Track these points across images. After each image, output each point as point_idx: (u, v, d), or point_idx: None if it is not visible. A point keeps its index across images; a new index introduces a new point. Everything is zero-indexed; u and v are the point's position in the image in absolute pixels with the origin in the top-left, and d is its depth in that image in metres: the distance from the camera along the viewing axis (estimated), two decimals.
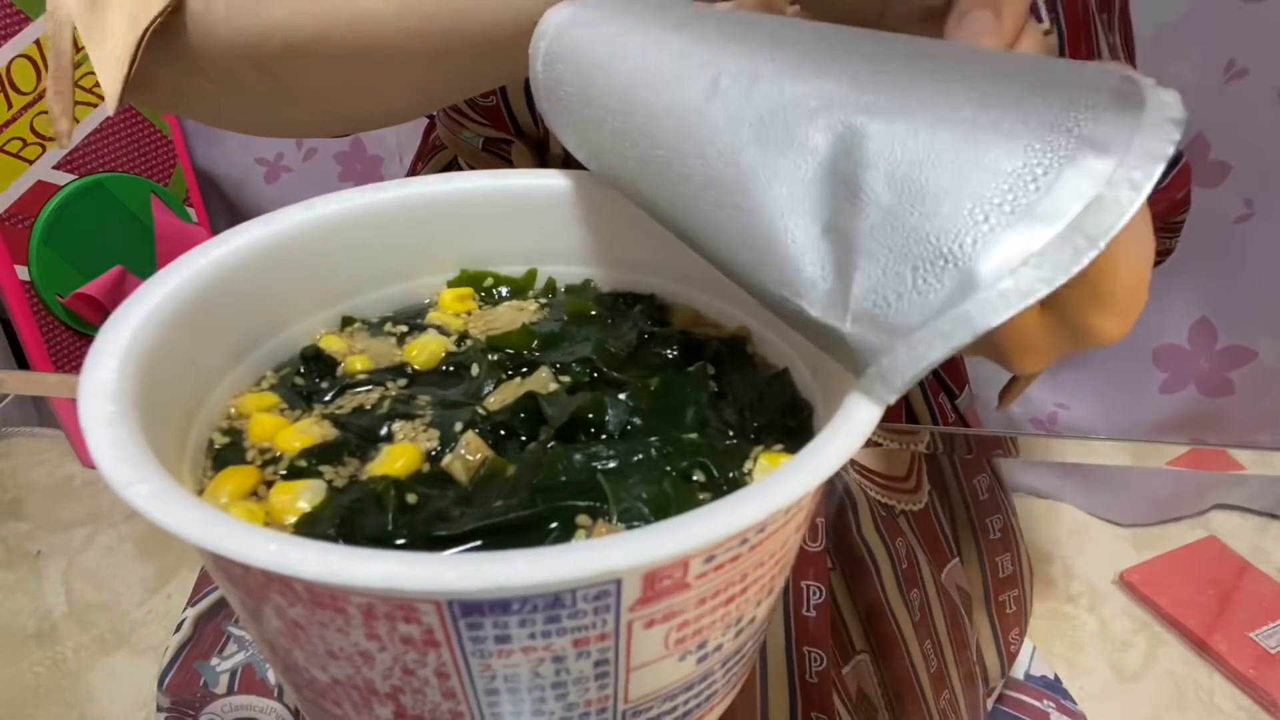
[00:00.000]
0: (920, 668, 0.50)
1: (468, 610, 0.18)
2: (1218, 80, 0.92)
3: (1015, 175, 0.19)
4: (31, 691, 0.73)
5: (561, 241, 0.34)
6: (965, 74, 0.22)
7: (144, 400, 0.23)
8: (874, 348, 0.20)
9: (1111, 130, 0.19)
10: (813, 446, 0.20)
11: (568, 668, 0.20)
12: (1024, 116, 0.19)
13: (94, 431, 0.20)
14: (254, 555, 0.17)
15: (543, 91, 0.32)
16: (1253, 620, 0.90)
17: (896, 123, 0.21)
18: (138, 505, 0.18)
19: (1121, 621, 0.94)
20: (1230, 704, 0.84)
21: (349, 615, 0.19)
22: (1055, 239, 0.18)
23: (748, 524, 0.19)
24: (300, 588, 0.19)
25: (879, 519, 0.51)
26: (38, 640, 0.78)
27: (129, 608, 0.85)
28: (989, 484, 0.58)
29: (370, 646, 0.19)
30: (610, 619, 0.19)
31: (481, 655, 0.19)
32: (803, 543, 0.46)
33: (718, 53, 0.26)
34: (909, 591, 0.50)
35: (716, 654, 0.23)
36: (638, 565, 0.18)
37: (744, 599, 0.22)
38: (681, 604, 0.20)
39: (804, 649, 0.46)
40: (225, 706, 0.47)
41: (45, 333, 1.21)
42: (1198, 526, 1.03)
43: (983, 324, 0.18)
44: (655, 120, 0.26)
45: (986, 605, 0.57)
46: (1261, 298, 0.99)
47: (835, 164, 0.21)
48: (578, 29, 0.30)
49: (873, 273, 0.20)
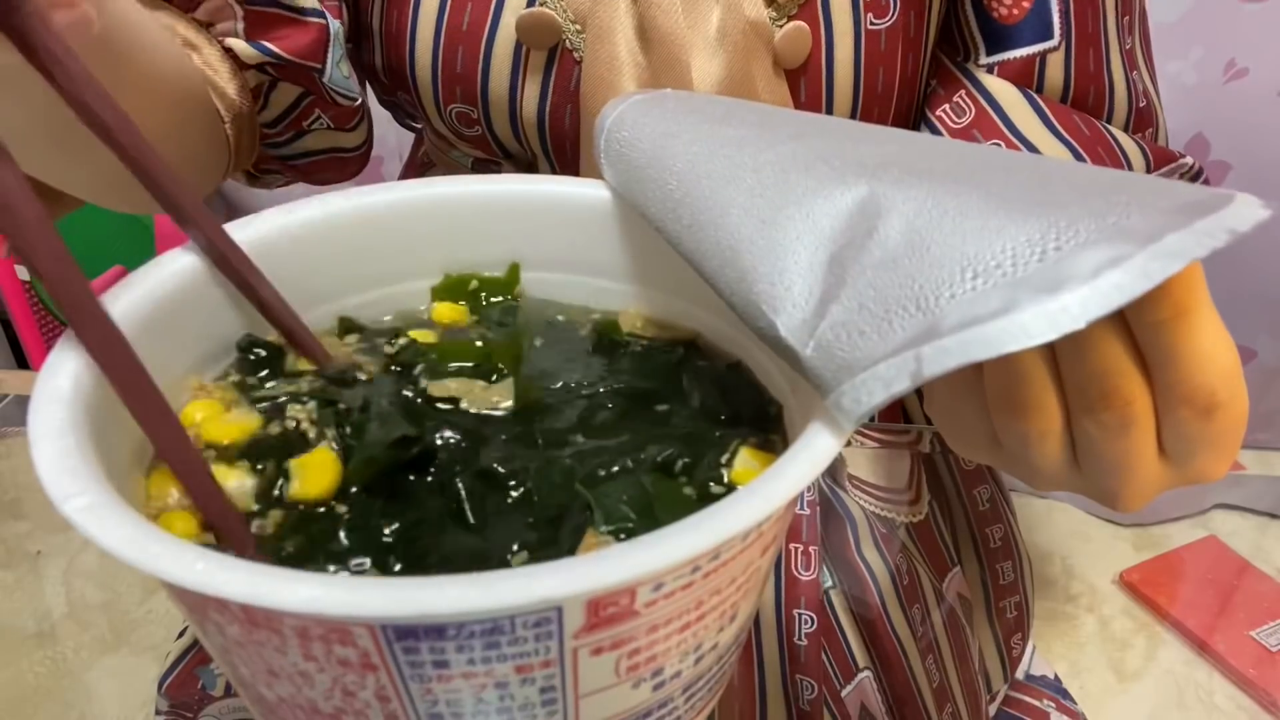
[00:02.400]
0: (923, 683, 0.49)
1: (402, 634, 0.18)
2: (1218, 80, 0.92)
3: (1028, 244, 0.18)
4: (31, 691, 0.73)
5: (544, 248, 0.34)
6: (1035, 169, 0.22)
7: (102, 407, 0.22)
8: (826, 381, 0.20)
9: (1153, 225, 0.17)
10: (770, 472, 0.20)
11: (512, 694, 0.20)
12: (1068, 200, 0.19)
13: (38, 442, 0.20)
14: (181, 576, 0.17)
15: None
16: (1253, 620, 0.90)
17: (939, 184, 0.21)
18: (72, 519, 0.18)
19: (1121, 621, 0.94)
20: (1230, 704, 0.83)
21: (285, 636, 0.18)
22: (1032, 308, 0.17)
23: (696, 552, 0.18)
24: (235, 607, 0.18)
25: (878, 536, 0.51)
26: (38, 640, 0.78)
27: (129, 608, 0.85)
28: (990, 494, 0.58)
29: (309, 667, 0.19)
30: (554, 646, 0.19)
31: (421, 680, 0.19)
32: (795, 571, 0.47)
33: (788, 121, 0.28)
34: (910, 608, 0.50)
35: (675, 680, 0.22)
36: (576, 594, 0.17)
37: (701, 626, 0.21)
38: (631, 631, 0.20)
39: (797, 677, 0.46)
40: (223, 708, 0.47)
41: (45, 333, 1.21)
42: (1198, 526, 1.03)
43: (926, 373, 0.18)
44: (715, 142, 0.28)
45: (988, 612, 0.57)
46: (1261, 298, 0.99)
47: (866, 205, 0.22)
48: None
49: (850, 306, 0.20)
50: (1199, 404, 0.22)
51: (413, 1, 0.47)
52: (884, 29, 0.47)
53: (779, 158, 0.25)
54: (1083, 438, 0.24)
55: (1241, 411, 0.23)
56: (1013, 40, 0.47)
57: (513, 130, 0.50)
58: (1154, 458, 0.24)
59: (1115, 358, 0.22)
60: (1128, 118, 0.50)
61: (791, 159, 0.25)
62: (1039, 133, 0.48)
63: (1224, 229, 0.17)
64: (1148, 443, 0.23)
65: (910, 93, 0.50)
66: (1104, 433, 0.23)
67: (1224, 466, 0.24)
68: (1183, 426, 0.23)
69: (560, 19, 0.46)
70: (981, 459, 0.27)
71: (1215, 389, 0.22)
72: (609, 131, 0.33)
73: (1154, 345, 0.22)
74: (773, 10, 0.45)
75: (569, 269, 0.34)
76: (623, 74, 0.45)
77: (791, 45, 0.46)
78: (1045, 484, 0.26)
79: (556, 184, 0.33)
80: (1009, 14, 0.47)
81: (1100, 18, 0.48)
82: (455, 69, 0.48)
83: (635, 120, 0.32)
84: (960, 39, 0.50)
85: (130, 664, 0.78)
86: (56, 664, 0.76)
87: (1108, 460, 0.24)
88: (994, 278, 0.18)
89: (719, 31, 0.45)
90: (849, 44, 0.46)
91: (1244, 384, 0.23)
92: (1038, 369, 0.23)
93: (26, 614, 0.80)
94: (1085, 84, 0.48)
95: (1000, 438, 0.25)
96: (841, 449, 0.21)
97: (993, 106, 0.48)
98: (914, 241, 0.20)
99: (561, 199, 0.33)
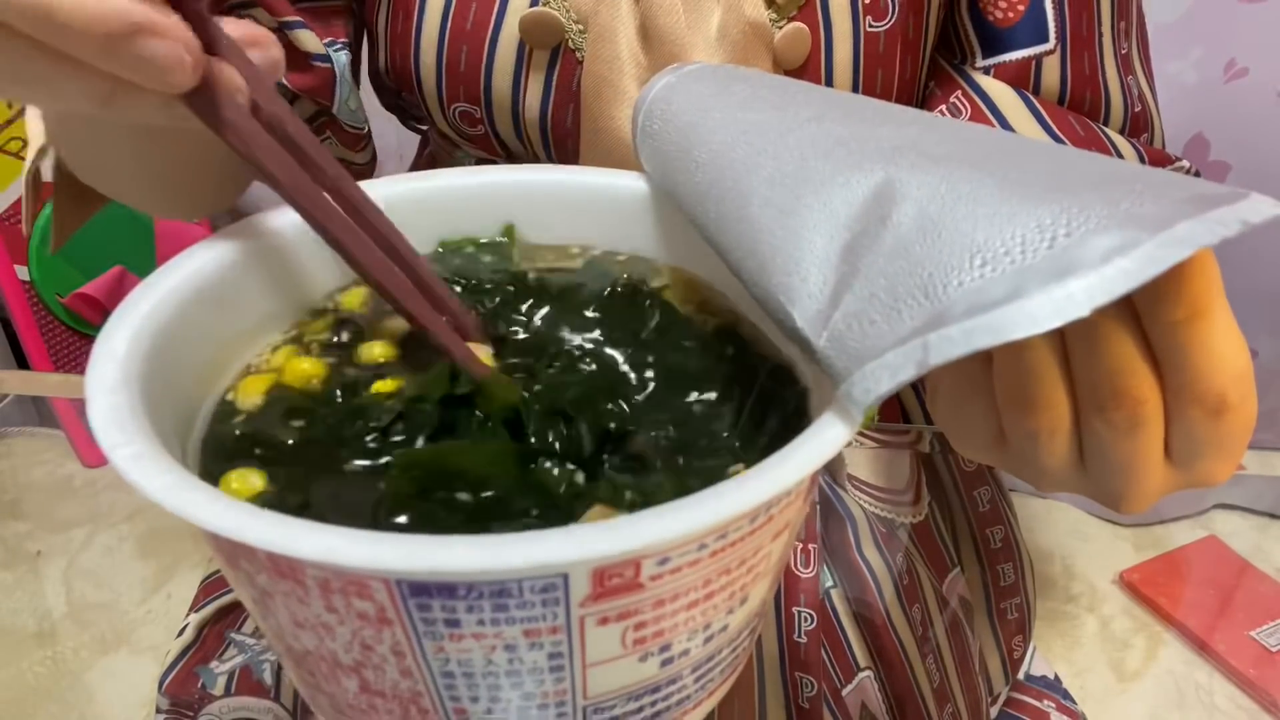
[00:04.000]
0: (923, 683, 0.50)
1: (416, 591, 0.19)
2: (1218, 80, 0.92)
3: (1038, 230, 0.18)
4: (31, 691, 0.73)
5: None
6: (1052, 157, 0.22)
7: (155, 368, 0.24)
8: (838, 371, 0.21)
9: (1165, 212, 0.17)
10: (778, 456, 0.20)
11: (521, 657, 0.20)
12: (1082, 187, 0.19)
13: (94, 397, 0.21)
14: (212, 521, 0.18)
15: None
16: (1253, 620, 0.90)
17: (955, 169, 0.21)
18: (119, 466, 0.20)
19: (1121, 621, 0.94)
20: (1230, 704, 0.83)
21: (308, 587, 0.20)
22: (1039, 295, 0.17)
23: (699, 528, 0.18)
24: (262, 556, 0.19)
25: (878, 535, 0.51)
26: (38, 640, 0.78)
27: (129, 608, 0.85)
28: (990, 495, 0.58)
29: (330, 619, 0.20)
30: (560, 612, 0.19)
31: (434, 637, 0.20)
32: (795, 569, 0.47)
33: (809, 101, 0.28)
34: (910, 607, 0.50)
35: (684, 659, 0.23)
36: (580, 560, 0.18)
37: (710, 605, 0.22)
38: (636, 604, 0.20)
39: (796, 675, 0.46)
40: (223, 708, 0.47)
41: (45, 333, 1.21)
42: (1198, 526, 1.03)
43: (933, 361, 0.18)
44: (737, 129, 0.28)
45: (989, 614, 0.57)
46: (1261, 298, 0.99)
47: (882, 191, 0.22)
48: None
49: (862, 295, 0.20)
50: (1210, 405, 0.22)
51: (418, 2, 0.48)
52: (883, 31, 0.47)
53: (798, 143, 0.25)
54: (1091, 437, 0.24)
55: (1251, 415, 0.23)
56: (1008, 43, 0.48)
57: (515, 129, 0.50)
58: (1160, 459, 0.24)
59: (1129, 357, 0.22)
60: (1124, 122, 0.50)
61: (811, 144, 0.25)
62: (1034, 133, 0.48)
63: (1237, 219, 0.17)
64: (1155, 444, 0.23)
65: (908, 95, 0.50)
66: (1113, 432, 0.23)
67: (1229, 470, 0.24)
68: (1192, 428, 0.23)
69: (563, 19, 0.46)
70: (985, 458, 0.27)
71: (1227, 391, 0.22)
72: (642, 126, 0.34)
73: (1169, 345, 0.22)
74: (773, 11, 0.46)
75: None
76: (624, 74, 0.45)
77: (791, 46, 0.46)
78: (1049, 484, 0.26)
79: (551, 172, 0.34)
80: (1004, 17, 0.48)
81: (1096, 22, 0.48)
82: (459, 68, 0.48)
83: (663, 111, 0.33)
84: (957, 42, 0.50)
85: (130, 664, 0.78)
86: (56, 664, 0.76)
87: (1114, 461, 0.24)
88: (1003, 265, 0.18)
89: (719, 32, 0.45)
90: (848, 46, 0.47)
91: (1254, 387, 0.23)
92: (1049, 366, 0.23)
93: (26, 614, 0.80)
94: (1081, 88, 0.49)
95: (1007, 435, 0.25)
96: (844, 444, 0.21)
97: (989, 106, 0.48)
98: (925, 227, 0.20)
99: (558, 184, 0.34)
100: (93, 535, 0.91)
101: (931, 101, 0.51)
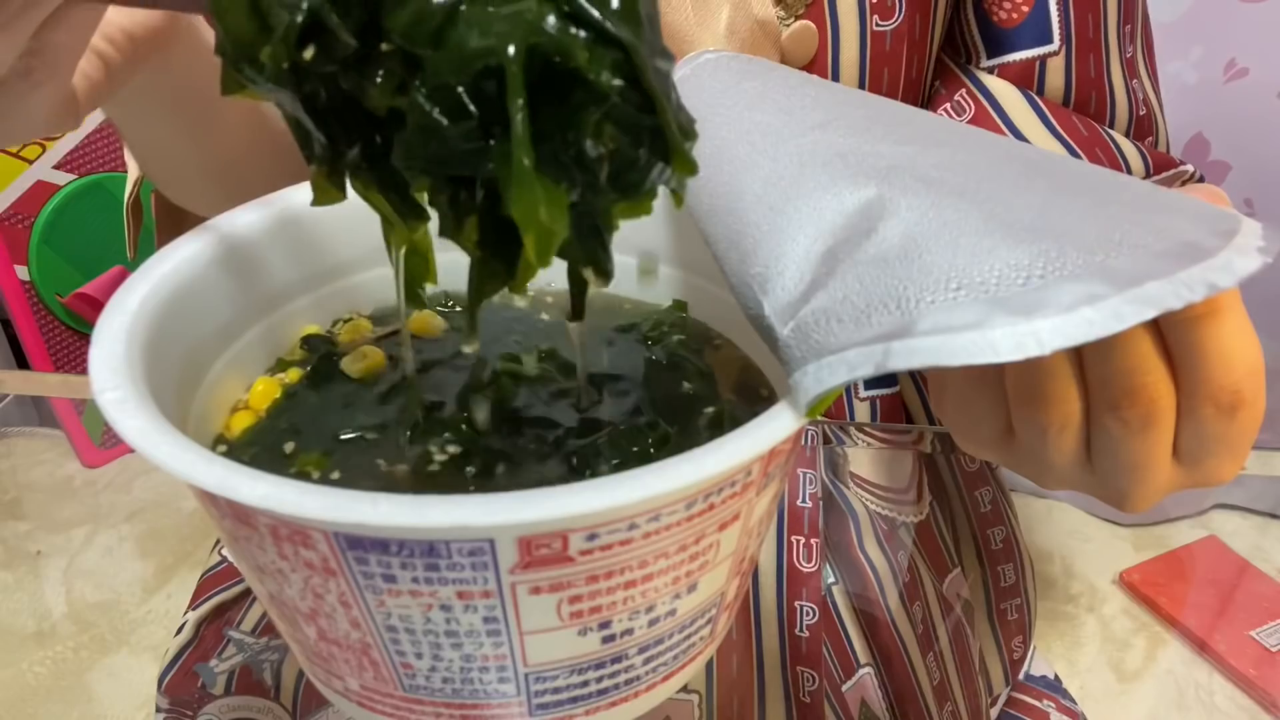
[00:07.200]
0: (923, 680, 0.50)
1: (352, 544, 0.20)
2: (1218, 80, 0.93)
3: (1014, 268, 0.19)
4: (31, 691, 0.73)
5: None
6: (1048, 184, 0.22)
7: (162, 327, 0.25)
8: (795, 360, 0.21)
9: (1138, 268, 0.18)
10: (714, 443, 0.20)
11: (457, 618, 0.21)
12: (1064, 229, 0.19)
13: (97, 342, 0.23)
14: (169, 464, 0.19)
15: None
16: (1253, 620, 0.90)
17: (945, 196, 0.21)
18: (103, 408, 0.21)
19: (1121, 621, 0.94)
20: (1230, 704, 0.84)
21: (262, 534, 0.21)
22: (1004, 327, 0.17)
23: (618, 503, 0.19)
24: (222, 502, 0.20)
25: (880, 533, 0.51)
26: (38, 640, 0.78)
27: (129, 608, 0.85)
28: (991, 496, 0.58)
29: (284, 566, 0.21)
30: (490, 577, 0.20)
31: (374, 591, 0.21)
32: (797, 563, 0.47)
33: (818, 105, 0.29)
34: (911, 604, 0.50)
35: (628, 638, 0.23)
36: (502, 524, 0.18)
37: (650, 587, 0.22)
38: (568, 577, 0.21)
39: (798, 669, 0.46)
40: (223, 707, 0.47)
41: (45, 333, 1.21)
42: (1198, 526, 1.03)
43: (890, 365, 0.19)
44: (741, 128, 0.29)
45: (989, 614, 0.57)
46: (1261, 298, 0.99)
47: (871, 206, 0.22)
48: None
49: (835, 295, 0.21)
50: (1224, 402, 0.22)
51: None
52: (889, 30, 0.47)
53: (799, 149, 0.26)
54: (1101, 435, 0.24)
55: (1261, 412, 0.23)
56: (1012, 44, 0.48)
57: None
58: (1169, 458, 0.24)
59: (1143, 355, 0.22)
60: (1129, 125, 0.51)
61: (811, 152, 0.25)
62: (1038, 132, 0.48)
63: (1204, 282, 0.18)
64: (1166, 443, 0.23)
65: (914, 93, 0.50)
66: (1125, 430, 0.23)
67: (1235, 469, 0.24)
68: (1203, 426, 0.23)
69: None
70: (990, 454, 0.27)
71: (1241, 387, 0.22)
72: None
73: (1184, 342, 0.22)
74: (780, 9, 0.46)
75: None
76: None
77: (798, 44, 0.46)
78: (1054, 482, 0.26)
79: None
80: (1008, 18, 0.48)
81: (1101, 24, 0.48)
82: None
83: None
84: (962, 42, 0.51)
85: (130, 664, 0.78)
86: (56, 664, 0.76)
87: (1123, 459, 0.23)
88: (975, 292, 0.19)
89: (727, 29, 0.45)
90: (854, 44, 0.47)
91: (1264, 385, 0.23)
92: (1063, 361, 0.23)
93: (26, 614, 0.80)
94: (1086, 89, 0.49)
95: (1016, 430, 0.25)
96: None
97: (993, 105, 0.48)
98: (908, 247, 0.20)
99: None
100: (93, 535, 0.91)
101: (936, 100, 0.51)
